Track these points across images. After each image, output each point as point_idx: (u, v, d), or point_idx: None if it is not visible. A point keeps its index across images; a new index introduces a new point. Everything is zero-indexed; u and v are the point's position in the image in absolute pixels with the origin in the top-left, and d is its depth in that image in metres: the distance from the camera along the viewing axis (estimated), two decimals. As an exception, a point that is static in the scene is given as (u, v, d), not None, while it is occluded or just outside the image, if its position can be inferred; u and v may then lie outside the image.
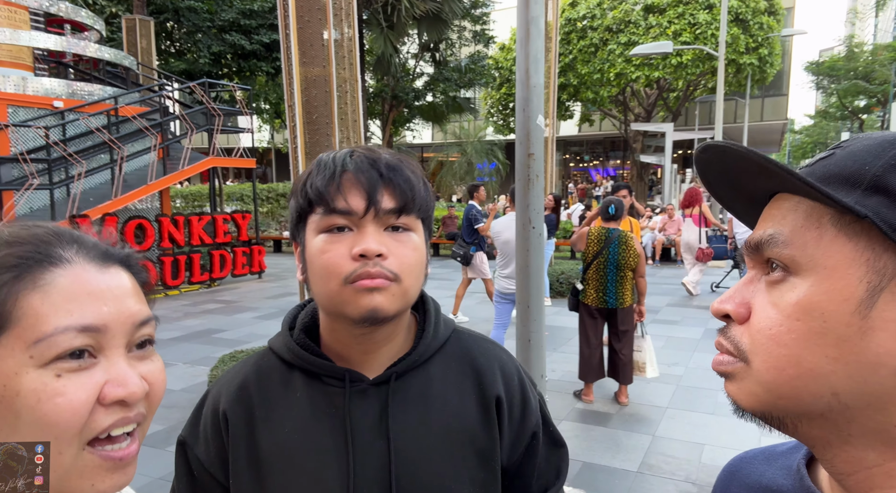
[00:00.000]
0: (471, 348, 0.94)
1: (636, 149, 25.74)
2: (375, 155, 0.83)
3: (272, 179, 36.69)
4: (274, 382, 0.89)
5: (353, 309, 0.78)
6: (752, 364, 0.47)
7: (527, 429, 0.93)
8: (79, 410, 0.49)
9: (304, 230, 0.83)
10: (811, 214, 0.47)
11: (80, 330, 0.50)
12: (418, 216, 0.84)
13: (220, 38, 18.03)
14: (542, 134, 2.50)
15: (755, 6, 21.09)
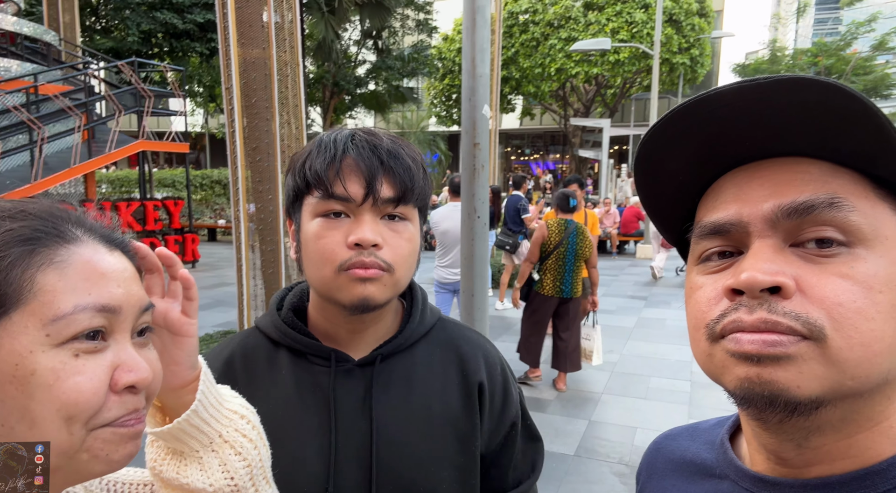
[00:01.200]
0: (456, 336, 0.96)
1: (575, 144, 26.34)
2: (377, 140, 0.81)
3: (206, 165, 35.38)
4: (260, 359, 0.90)
5: (345, 296, 0.79)
6: (831, 341, 0.41)
7: (506, 419, 0.94)
8: (99, 390, 0.47)
9: (300, 211, 0.83)
10: (854, 180, 0.44)
11: (97, 310, 0.48)
12: (415, 205, 0.83)
13: (150, 16, 17.15)
14: (487, 124, 2.52)
15: (688, 7, 21.93)
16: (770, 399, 0.43)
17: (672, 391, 4.90)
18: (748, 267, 0.44)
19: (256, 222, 4.71)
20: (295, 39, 4.76)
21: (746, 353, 0.43)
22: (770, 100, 0.43)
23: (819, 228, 0.43)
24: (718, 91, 0.44)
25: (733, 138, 0.47)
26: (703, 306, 0.48)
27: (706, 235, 0.49)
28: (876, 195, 0.44)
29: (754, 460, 0.52)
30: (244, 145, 4.57)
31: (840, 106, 0.41)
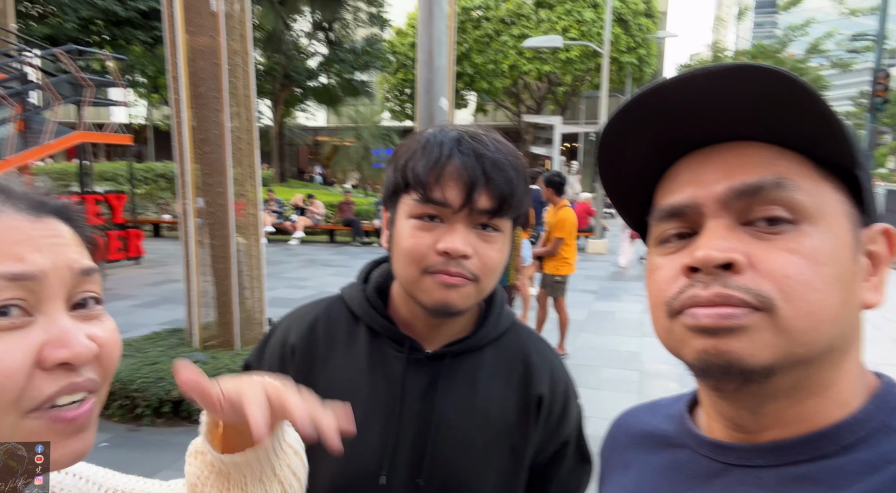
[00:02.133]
0: (527, 345, 0.96)
1: (528, 140, 26.65)
2: (483, 148, 0.80)
3: (150, 158, 34.13)
4: (340, 329, 0.93)
5: (426, 298, 0.81)
6: (781, 311, 0.44)
7: (560, 435, 0.95)
8: (13, 373, 0.42)
9: (397, 206, 0.84)
10: (799, 162, 0.47)
11: (8, 279, 0.43)
12: (510, 218, 0.83)
13: (89, 2, 16.40)
14: (444, 116, 2.52)
15: (635, 8, 22.49)
16: (726, 369, 0.45)
17: (622, 381, 5.04)
18: (703, 245, 0.46)
19: (206, 217, 4.57)
20: (245, 28, 4.63)
21: (703, 326, 0.46)
22: (718, 87, 0.46)
23: (767, 207, 0.46)
24: (671, 80, 0.47)
25: (686, 125, 0.49)
26: (662, 284, 0.50)
27: (664, 218, 0.51)
28: (819, 175, 0.47)
29: (712, 428, 0.55)
30: (192, 137, 4.43)
31: (783, 92, 0.44)
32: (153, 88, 24.59)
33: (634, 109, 0.50)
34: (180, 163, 4.50)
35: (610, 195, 0.58)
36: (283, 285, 8.97)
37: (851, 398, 0.49)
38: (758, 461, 0.50)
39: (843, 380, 0.49)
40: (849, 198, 0.49)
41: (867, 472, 0.45)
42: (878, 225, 0.51)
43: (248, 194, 4.80)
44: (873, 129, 18.09)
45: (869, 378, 0.52)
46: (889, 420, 0.47)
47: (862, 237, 0.49)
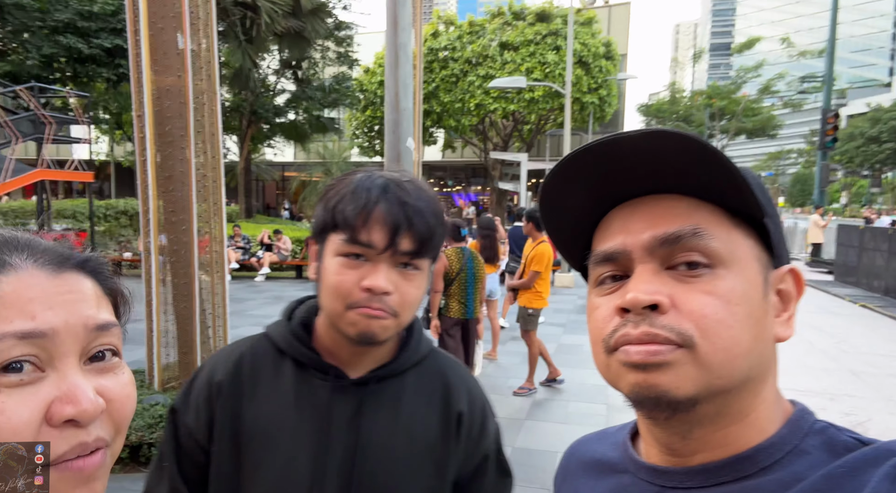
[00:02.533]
0: (445, 368, 1.04)
1: (495, 176, 27.09)
2: (406, 195, 0.88)
3: (111, 195, 33.49)
4: (266, 365, 0.97)
5: (351, 329, 0.87)
6: (700, 348, 0.49)
7: (480, 450, 1.01)
8: (20, 431, 0.43)
9: (325, 243, 0.90)
10: (713, 213, 0.53)
11: (19, 337, 0.44)
12: (429, 257, 0.91)
13: (52, 40, 16.25)
14: (411, 155, 2.57)
15: (595, 51, 23.35)
16: (656, 401, 0.51)
17: (589, 415, 5.05)
18: (632, 289, 0.52)
19: (168, 254, 4.50)
20: (212, 68, 4.67)
21: (634, 362, 0.51)
22: (639, 148, 0.52)
23: (687, 253, 0.52)
24: (599, 142, 0.53)
25: (615, 180, 0.55)
26: (599, 323, 0.55)
27: (600, 262, 0.57)
28: (731, 224, 0.53)
29: (649, 454, 0.60)
30: (157, 175, 4.39)
31: (692, 152, 0.50)
32: (116, 125, 24.32)
33: (570, 166, 0.56)
34: (143, 201, 4.45)
35: (554, 240, 0.64)
36: (248, 322, 8.81)
37: (769, 424, 0.54)
38: (688, 483, 0.54)
39: (760, 407, 0.54)
40: (759, 243, 0.54)
41: (780, 490, 0.50)
42: (786, 266, 0.56)
43: (213, 231, 4.76)
44: (824, 166, 18.91)
45: (785, 405, 0.57)
46: (801, 444, 0.52)
47: (772, 278, 0.55)
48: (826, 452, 0.51)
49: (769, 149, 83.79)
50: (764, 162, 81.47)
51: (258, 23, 18.68)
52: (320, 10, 20.51)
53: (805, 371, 6.28)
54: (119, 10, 16.28)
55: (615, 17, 31.56)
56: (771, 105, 40.48)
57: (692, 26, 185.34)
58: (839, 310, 10.06)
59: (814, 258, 16.59)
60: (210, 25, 4.77)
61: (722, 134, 37.59)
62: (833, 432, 0.53)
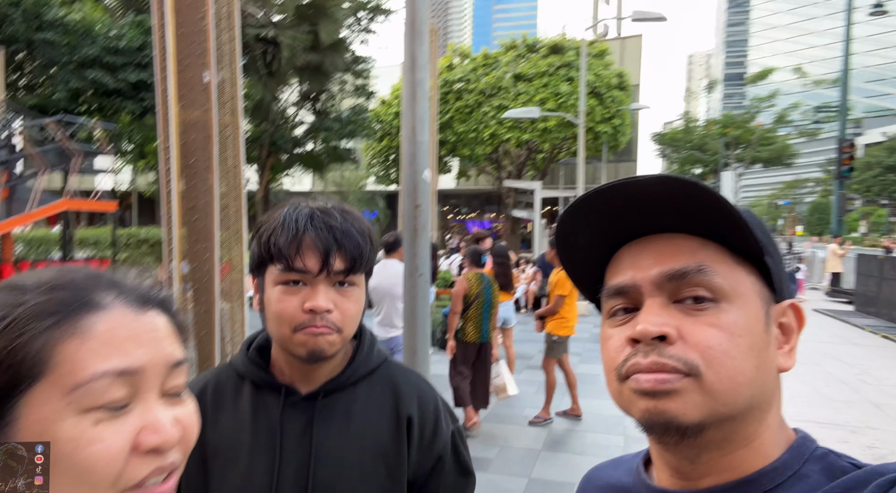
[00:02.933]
0: (396, 376, 1.09)
1: (509, 204, 27.18)
2: (332, 220, 0.95)
3: (132, 223, 34.07)
4: (228, 390, 1.05)
5: (300, 350, 0.94)
6: (705, 377, 0.53)
7: (434, 451, 1.06)
8: (116, 457, 0.48)
9: (264, 275, 0.97)
10: (718, 251, 0.57)
11: (117, 375, 0.49)
12: (362, 272, 0.99)
13: (79, 74, 16.79)
14: (427, 187, 2.65)
15: (608, 81, 23.60)
16: (665, 426, 0.55)
17: (607, 446, 5.01)
18: (641, 321, 0.56)
19: (190, 282, 4.60)
20: (236, 102, 4.83)
21: (644, 390, 0.55)
22: (648, 192, 0.57)
23: (693, 288, 0.56)
24: (611, 185, 0.58)
25: (625, 219, 0.60)
26: (612, 353, 0.59)
27: (611, 296, 0.61)
28: (734, 261, 0.58)
29: (660, 478, 0.64)
30: (181, 205, 4.53)
31: (696, 195, 0.55)
32: (139, 155, 24.87)
33: (583, 206, 0.61)
34: (167, 230, 4.57)
35: (568, 274, 0.69)
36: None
37: (773, 450, 0.58)
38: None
39: (765, 434, 0.58)
40: (760, 280, 0.59)
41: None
42: (787, 301, 0.61)
43: (233, 259, 4.86)
44: (842, 195, 18.79)
45: (788, 432, 0.61)
46: (801, 468, 0.56)
47: (774, 312, 0.59)
48: (825, 476, 0.55)
49: (786, 178, 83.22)
50: (781, 191, 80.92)
51: (279, 57, 19.20)
52: (339, 45, 21.03)
53: (826, 403, 6.18)
54: (144, 45, 16.82)
55: (628, 49, 31.93)
56: (786, 134, 40.39)
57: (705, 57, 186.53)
58: (859, 340, 9.90)
59: (833, 288, 16.36)
60: (235, 61, 4.96)
61: (737, 163, 37.51)
62: (833, 458, 0.57)
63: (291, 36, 19.25)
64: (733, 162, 37.31)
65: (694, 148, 39.06)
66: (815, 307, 13.67)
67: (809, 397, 6.37)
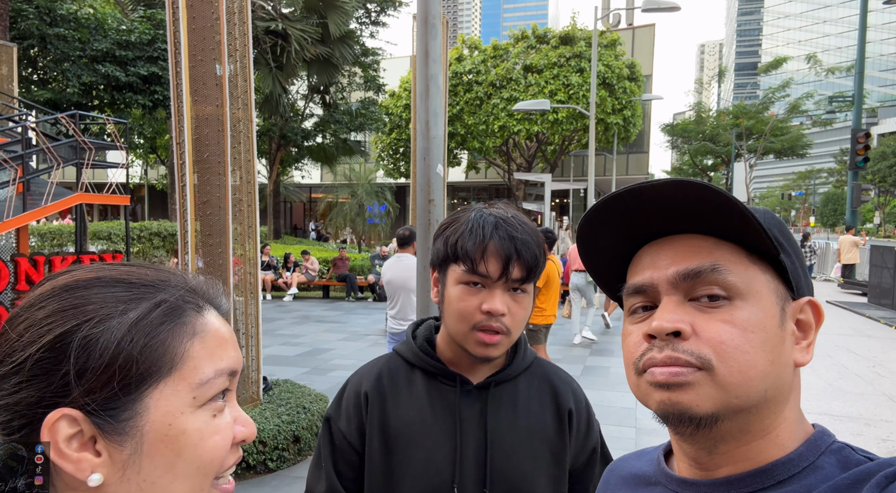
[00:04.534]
0: (550, 372, 1.20)
1: (519, 196, 27.12)
2: (514, 230, 1.03)
3: (144, 216, 34.35)
4: (400, 376, 1.14)
5: (473, 349, 1.03)
6: (717, 370, 0.55)
7: (589, 443, 1.17)
8: (227, 447, 0.53)
9: (446, 273, 1.06)
10: (733, 251, 0.59)
11: (229, 374, 0.55)
12: (534, 281, 1.06)
13: (91, 68, 16.90)
14: (441, 182, 2.66)
15: (619, 72, 23.40)
16: (679, 416, 0.57)
17: (618, 438, 5.01)
18: (657, 318, 0.59)
19: (204, 276, 4.65)
20: (248, 96, 4.86)
21: (659, 382, 0.57)
22: (663, 195, 0.59)
23: (707, 286, 0.58)
24: (627, 190, 0.60)
25: (642, 222, 0.63)
26: (631, 348, 0.62)
27: (631, 294, 0.64)
28: (749, 260, 0.60)
29: (680, 468, 0.66)
30: (195, 199, 4.56)
31: (710, 199, 0.57)
32: (150, 149, 25.03)
33: (601, 210, 0.64)
34: (181, 224, 4.62)
35: (592, 275, 0.72)
36: (278, 342, 8.95)
37: (790, 442, 0.60)
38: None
39: (781, 426, 0.60)
40: (776, 277, 0.61)
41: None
42: (804, 298, 0.62)
43: (247, 253, 4.90)
44: (856, 185, 18.58)
45: (807, 426, 0.62)
46: (817, 461, 0.58)
47: (791, 308, 0.61)
48: (839, 468, 0.56)
49: (799, 168, 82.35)
50: (794, 181, 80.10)
51: (288, 50, 19.20)
52: (348, 38, 21.00)
53: (840, 396, 6.15)
54: (155, 39, 16.89)
55: (639, 39, 31.66)
56: (799, 124, 39.93)
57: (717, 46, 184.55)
58: (874, 333, 9.82)
59: (847, 280, 16.22)
60: (247, 56, 4.98)
61: (750, 154, 37.17)
62: (848, 452, 0.58)
63: (300, 28, 19.25)
64: (745, 153, 36.97)
65: (706, 139, 38.73)
66: (829, 299, 13.57)
67: (823, 389, 6.34)
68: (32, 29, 15.62)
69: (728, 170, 40.62)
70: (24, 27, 15.52)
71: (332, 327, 10.39)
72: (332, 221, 24.29)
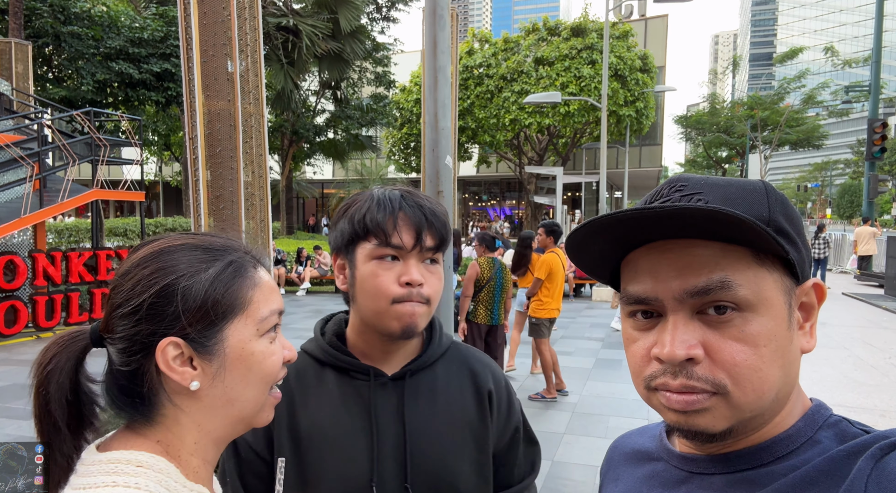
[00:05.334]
0: (467, 356, 1.17)
1: (530, 190, 27.04)
2: (421, 200, 1.03)
3: (159, 212, 34.68)
4: (309, 376, 1.08)
5: (396, 325, 0.99)
6: (733, 394, 0.55)
7: (511, 423, 1.14)
8: (280, 364, 0.74)
9: (354, 253, 1.02)
10: (740, 256, 0.56)
11: (278, 313, 0.74)
12: (444, 251, 1.05)
13: (105, 66, 17.06)
14: (450, 173, 2.67)
15: (632, 64, 23.20)
16: (694, 435, 0.59)
17: (629, 430, 5.01)
18: (668, 343, 0.56)
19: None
20: (259, 91, 4.89)
21: (675, 410, 0.58)
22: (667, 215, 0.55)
23: (716, 301, 0.56)
24: (627, 214, 0.56)
25: (642, 233, 0.59)
26: (638, 360, 0.61)
27: (631, 303, 0.61)
28: (758, 264, 0.57)
29: (681, 443, 0.68)
30: (208, 194, 4.61)
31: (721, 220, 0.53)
32: (164, 146, 25.23)
33: (597, 225, 0.60)
34: (195, 219, 4.67)
35: (584, 271, 0.69)
36: (291, 336, 9.01)
37: (788, 419, 0.61)
38: (712, 469, 0.62)
39: (782, 411, 0.61)
40: (784, 271, 0.59)
41: (790, 472, 0.57)
42: (810, 281, 0.62)
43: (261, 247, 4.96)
44: (873, 176, 18.32)
45: (805, 401, 0.63)
46: (815, 435, 0.59)
47: (796, 295, 0.60)
48: (837, 441, 0.57)
49: (815, 159, 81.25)
50: (809, 173, 79.06)
51: (299, 46, 19.26)
52: (359, 33, 21.02)
53: (855, 387, 6.10)
54: (168, 36, 17.00)
55: (652, 30, 31.36)
56: (815, 115, 39.37)
57: (731, 36, 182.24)
58: (889, 324, 9.71)
59: (863, 272, 16.03)
60: (258, 51, 5.01)
61: (765, 145, 36.75)
62: (846, 425, 0.59)
63: (311, 24, 19.28)
64: (760, 144, 36.55)
65: (720, 130, 38.32)
66: (845, 291, 13.42)
67: (838, 381, 6.29)
68: (47, 27, 15.78)
69: (743, 161, 40.15)
70: (39, 25, 15.68)
71: (344, 321, 10.46)
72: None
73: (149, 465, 0.65)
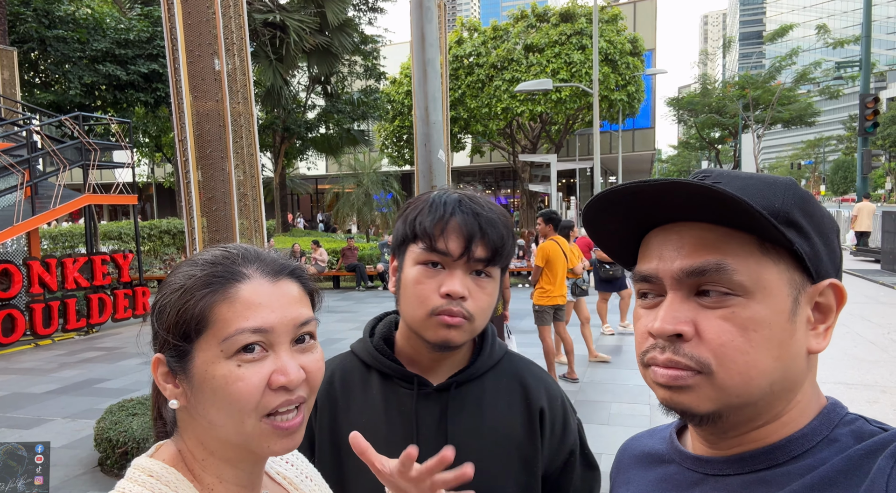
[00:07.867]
0: (521, 369, 1.09)
1: (525, 178, 27.00)
2: (479, 207, 0.95)
3: (153, 215, 34.53)
4: (355, 379, 1.05)
5: (431, 336, 0.94)
6: (717, 375, 0.55)
7: (566, 445, 1.06)
8: (253, 391, 0.64)
9: (405, 255, 0.98)
10: (743, 243, 0.56)
11: (252, 331, 0.65)
12: (500, 266, 0.97)
13: (92, 69, 16.89)
14: (443, 167, 2.65)
15: (622, 48, 23.11)
16: (682, 413, 0.59)
17: (632, 416, 5.03)
18: (660, 318, 0.58)
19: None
20: (248, 90, 4.84)
21: (660, 383, 0.59)
22: (663, 192, 0.57)
23: (712, 284, 0.57)
24: (623, 188, 0.59)
25: (647, 212, 0.62)
26: (639, 338, 0.63)
27: (639, 281, 0.64)
28: (761, 251, 0.57)
29: (695, 446, 0.67)
30: (200, 195, 4.58)
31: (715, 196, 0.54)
32: (156, 147, 25.07)
33: (602, 200, 0.63)
34: (188, 221, 4.64)
35: (607, 253, 0.70)
36: (291, 335, 9.01)
37: (802, 418, 0.60)
38: (727, 470, 0.61)
39: (794, 409, 0.60)
40: (792, 264, 0.58)
41: (807, 472, 0.56)
42: (826, 281, 0.60)
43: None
44: (866, 152, 18.33)
45: (821, 399, 0.62)
46: (831, 434, 0.58)
47: (808, 293, 0.59)
48: (854, 440, 0.56)
49: (807, 137, 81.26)
50: (803, 150, 79.11)
51: (287, 41, 19.10)
52: (346, 26, 20.85)
53: (854, 363, 6.12)
54: (154, 36, 16.85)
55: (641, 13, 31.21)
56: (807, 92, 39.34)
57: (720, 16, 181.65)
58: (887, 299, 9.75)
59: (859, 247, 16.08)
60: (244, 49, 4.96)
61: (757, 124, 36.72)
62: (862, 423, 0.58)
63: (298, 19, 19.13)
64: (753, 124, 36.52)
65: (712, 111, 38.27)
66: (842, 268, 13.45)
67: (838, 358, 6.32)
68: (31, 32, 15.60)
69: (736, 141, 40.16)
70: (23, 31, 15.51)
71: (343, 317, 10.45)
72: (340, 212, 24.31)
73: (158, 475, 0.66)
